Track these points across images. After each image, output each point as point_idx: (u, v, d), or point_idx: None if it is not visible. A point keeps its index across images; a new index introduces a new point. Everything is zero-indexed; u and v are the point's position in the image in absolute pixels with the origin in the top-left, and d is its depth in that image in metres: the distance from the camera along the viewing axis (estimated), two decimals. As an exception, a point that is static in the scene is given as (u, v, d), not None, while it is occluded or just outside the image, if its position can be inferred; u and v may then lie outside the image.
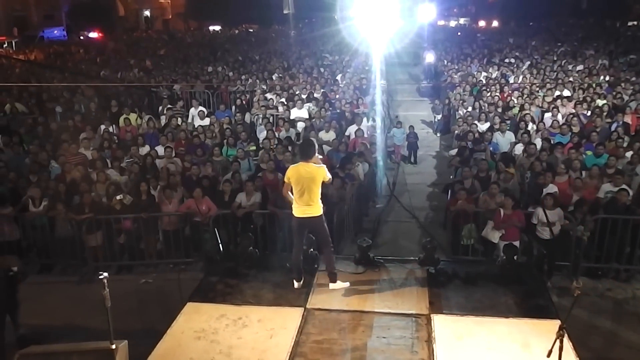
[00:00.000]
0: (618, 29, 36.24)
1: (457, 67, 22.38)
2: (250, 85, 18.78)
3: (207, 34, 42.49)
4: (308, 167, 6.50)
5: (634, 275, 9.09)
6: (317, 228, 6.75)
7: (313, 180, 6.47)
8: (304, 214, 6.59)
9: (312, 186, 6.49)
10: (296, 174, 6.52)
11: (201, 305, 6.42)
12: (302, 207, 6.57)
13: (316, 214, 6.61)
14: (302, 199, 6.53)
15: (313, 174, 6.47)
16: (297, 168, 6.57)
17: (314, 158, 6.58)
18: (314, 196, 6.53)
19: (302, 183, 6.48)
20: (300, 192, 6.52)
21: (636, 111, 13.92)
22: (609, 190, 9.34)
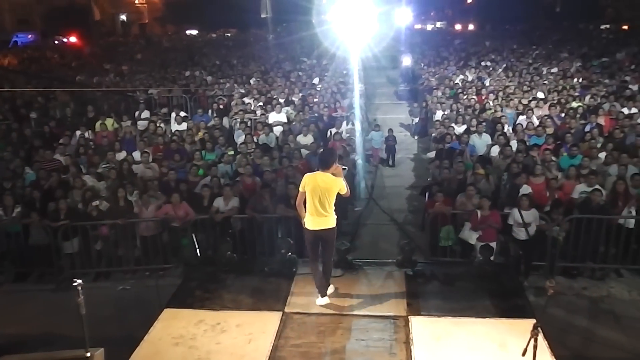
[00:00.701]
0: (591, 32, 36.90)
1: (434, 71, 22.58)
2: (228, 90, 18.73)
3: (184, 38, 42.33)
4: (326, 176, 6.22)
5: (609, 274, 9.22)
6: (329, 240, 6.46)
7: (329, 191, 6.21)
8: (318, 226, 6.32)
9: (328, 197, 6.23)
10: (312, 182, 6.24)
11: (179, 311, 6.38)
12: (316, 218, 6.29)
13: (330, 226, 6.36)
14: (317, 209, 6.25)
15: (330, 185, 6.20)
16: (314, 177, 6.29)
17: (333, 168, 6.28)
18: (329, 207, 6.27)
19: (317, 193, 6.21)
20: (314, 203, 6.24)
21: (609, 113, 14.15)
22: (583, 190, 9.48)
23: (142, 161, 11.48)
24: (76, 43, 38.35)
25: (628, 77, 18.82)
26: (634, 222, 8.99)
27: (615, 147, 11.25)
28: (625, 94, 16.08)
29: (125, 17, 50.09)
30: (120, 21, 50.04)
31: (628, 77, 18.82)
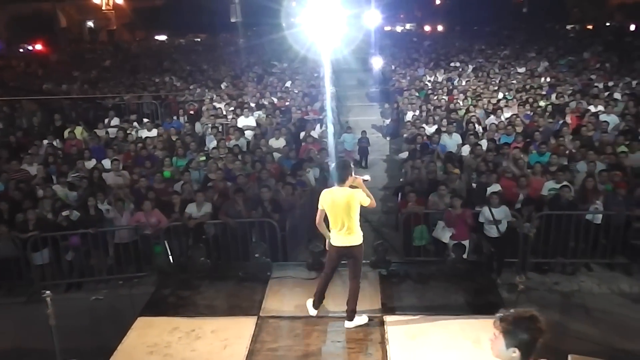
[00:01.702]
0: (558, 32, 37.59)
1: (405, 72, 22.76)
2: (198, 95, 18.62)
3: (153, 44, 41.95)
4: (343, 191, 5.85)
5: (579, 268, 9.41)
6: (353, 258, 6.07)
7: (348, 206, 5.81)
8: (341, 243, 5.95)
9: (349, 212, 5.83)
10: (330, 199, 5.89)
11: (153, 320, 6.30)
12: (340, 235, 5.93)
13: (357, 243, 5.97)
14: (339, 226, 5.89)
15: (347, 199, 5.80)
16: (330, 193, 5.93)
17: (351, 180, 5.91)
18: (352, 223, 5.88)
19: (336, 209, 5.85)
20: (335, 220, 5.89)
21: (576, 111, 14.42)
22: (552, 187, 9.64)
23: (113, 169, 11.34)
24: (42, 51, 37.72)
25: (594, 76, 19.22)
26: (601, 218, 9.16)
27: (582, 144, 11.48)
28: (591, 92, 16.41)
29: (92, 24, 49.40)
30: (87, 28, 49.31)
31: (594, 76, 19.22)
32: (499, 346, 3.10)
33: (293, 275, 7.16)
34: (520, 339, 3.04)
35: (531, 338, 3.04)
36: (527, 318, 3.07)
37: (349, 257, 6.08)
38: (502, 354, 3.09)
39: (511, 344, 3.04)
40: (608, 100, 14.78)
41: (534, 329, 3.05)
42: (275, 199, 9.84)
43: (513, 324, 3.06)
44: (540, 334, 3.05)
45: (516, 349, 3.04)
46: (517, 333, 3.04)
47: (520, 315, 3.08)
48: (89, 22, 49.13)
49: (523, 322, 3.06)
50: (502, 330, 3.07)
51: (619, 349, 6.96)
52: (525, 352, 3.05)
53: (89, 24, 49.19)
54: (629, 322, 7.82)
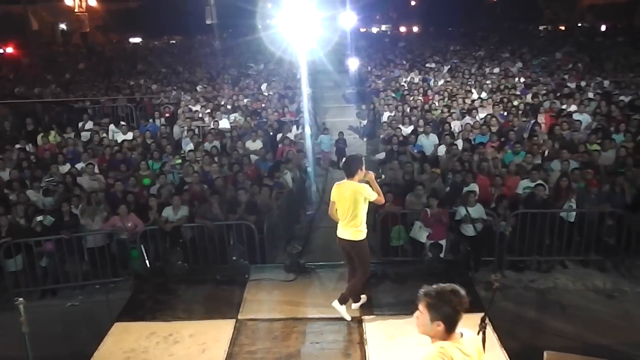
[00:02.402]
0: (531, 33, 38.11)
1: (381, 73, 22.85)
2: (174, 97, 18.49)
3: (127, 46, 41.53)
4: (350, 185, 5.97)
5: (554, 266, 9.52)
6: (357, 254, 6.19)
7: (354, 200, 5.91)
8: (344, 236, 6.12)
9: (355, 206, 5.93)
10: (339, 193, 6.04)
11: (130, 325, 6.25)
12: (343, 227, 6.11)
13: (356, 239, 6.08)
14: (344, 218, 6.05)
15: (354, 193, 5.92)
16: (340, 186, 6.08)
17: (361, 174, 6.01)
18: (356, 217, 5.99)
19: (344, 202, 5.99)
20: (342, 213, 6.04)
21: (550, 110, 14.63)
22: (527, 185, 9.76)
23: (88, 173, 11.20)
24: (13, 54, 37.06)
25: (566, 76, 19.50)
26: (575, 215, 9.30)
27: (556, 143, 11.65)
28: (564, 91, 16.66)
29: (65, 27, 48.71)
30: (60, 30, 48.60)
31: (566, 76, 19.50)
32: (424, 321, 3.22)
33: (271, 278, 7.16)
34: (444, 312, 3.17)
35: (454, 311, 3.18)
36: (450, 291, 3.21)
37: (350, 250, 6.22)
38: (427, 328, 3.22)
39: (436, 317, 3.17)
40: (582, 100, 15.03)
41: (457, 302, 3.18)
42: (252, 201, 9.81)
43: (437, 298, 3.18)
44: (461, 307, 3.18)
45: (440, 322, 3.16)
46: (441, 306, 3.17)
47: (443, 289, 3.22)
48: (62, 25, 48.40)
49: (446, 296, 3.19)
50: (427, 304, 3.19)
51: (594, 344, 7.06)
52: (448, 325, 3.18)
53: (61, 27, 48.47)
54: (603, 317, 7.95)
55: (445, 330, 3.17)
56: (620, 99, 15.64)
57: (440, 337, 3.19)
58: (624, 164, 10.51)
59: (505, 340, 5.65)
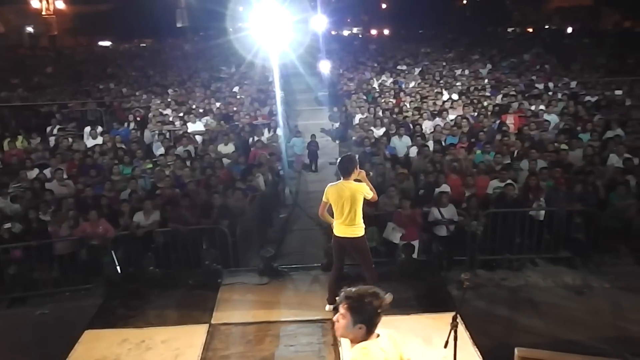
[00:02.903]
0: (500, 35, 38.67)
1: (352, 76, 22.93)
2: (145, 101, 18.31)
3: (97, 49, 41.01)
4: (348, 184, 6.13)
5: (525, 264, 9.62)
6: (358, 250, 6.36)
7: (354, 199, 6.09)
8: (343, 234, 6.23)
9: (354, 205, 6.10)
10: (335, 192, 6.15)
11: (101, 332, 6.18)
12: (343, 226, 6.21)
13: (357, 235, 6.24)
14: (343, 218, 6.16)
15: (353, 192, 6.09)
16: (336, 186, 6.20)
17: (356, 174, 6.21)
18: (356, 216, 6.16)
19: (342, 202, 6.11)
20: (340, 212, 6.15)
21: (519, 111, 14.86)
22: (497, 185, 9.89)
23: (57, 178, 11.02)
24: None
25: (534, 77, 19.82)
26: (544, 214, 9.45)
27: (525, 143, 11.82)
28: (532, 92, 16.92)
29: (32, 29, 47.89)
30: (27, 33, 47.77)
31: (534, 77, 19.82)
32: (345, 325, 3.18)
33: (244, 282, 7.15)
34: (365, 315, 3.15)
35: (375, 313, 3.16)
36: (371, 294, 3.20)
37: (352, 248, 6.33)
38: (349, 331, 3.18)
39: (358, 320, 3.14)
40: (550, 100, 15.29)
41: (377, 304, 3.17)
42: (225, 205, 9.75)
43: (359, 301, 3.16)
44: (382, 309, 3.19)
45: (363, 325, 3.14)
46: (362, 309, 3.14)
47: (364, 292, 3.20)
48: (29, 28, 47.57)
49: (368, 298, 3.17)
50: (349, 307, 3.16)
51: (564, 340, 7.17)
52: (369, 327, 3.16)
53: (28, 30, 47.63)
54: (573, 313, 8.07)
55: (367, 332, 3.16)
56: (586, 99, 15.98)
57: (361, 340, 3.18)
58: (591, 162, 10.72)
59: (477, 338, 5.73)
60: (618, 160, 10.80)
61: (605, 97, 16.08)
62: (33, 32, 47.61)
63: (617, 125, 12.86)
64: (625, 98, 16.14)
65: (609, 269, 9.18)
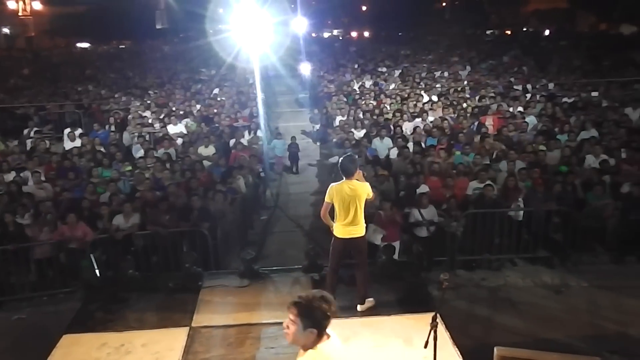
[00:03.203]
0: (479, 37, 39.02)
1: (333, 78, 22.98)
2: (124, 103, 18.16)
3: (75, 51, 40.59)
4: (351, 184, 6.21)
5: (504, 264, 9.71)
6: (360, 249, 6.45)
7: (358, 198, 6.18)
8: (349, 235, 6.28)
9: (358, 204, 6.20)
10: (340, 192, 6.20)
11: (80, 336, 6.11)
12: (346, 227, 6.25)
13: (362, 234, 6.36)
14: (347, 218, 6.21)
15: (357, 192, 6.18)
16: (340, 187, 6.24)
17: (357, 174, 6.30)
18: (359, 215, 6.25)
19: (347, 202, 6.17)
20: (344, 212, 6.21)
21: (498, 112, 15.01)
22: (476, 186, 9.97)
23: (34, 181, 10.88)
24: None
25: (513, 79, 20.03)
26: (523, 214, 9.55)
27: (504, 144, 11.94)
28: (511, 94, 17.10)
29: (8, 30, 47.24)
30: (3, 34, 47.12)
31: (513, 79, 20.03)
32: (296, 330, 3.18)
33: (225, 284, 7.12)
34: (315, 319, 3.16)
35: (324, 317, 3.18)
36: (320, 298, 3.21)
37: (354, 248, 6.39)
38: (300, 336, 3.18)
39: (308, 324, 3.15)
40: (528, 102, 15.46)
41: (327, 308, 3.18)
42: (205, 207, 9.70)
43: (308, 305, 3.17)
44: (331, 312, 3.20)
45: (314, 329, 3.14)
46: (312, 313, 3.15)
47: (313, 296, 3.21)
48: (5, 29, 46.95)
49: (317, 302, 3.18)
50: (298, 313, 3.17)
51: (543, 339, 7.24)
52: (320, 332, 3.17)
53: (4, 31, 47.00)
54: (551, 312, 8.16)
55: (317, 337, 3.16)
56: (563, 100, 16.19)
57: (312, 345, 3.18)
58: (569, 163, 10.87)
59: (457, 338, 5.77)
60: (595, 160, 10.96)
61: (581, 99, 16.31)
62: (9, 33, 47.00)
63: (592, 126, 13.05)
64: (601, 99, 16.39)
65: (587, 268, 9.31)
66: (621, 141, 12.01)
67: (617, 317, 7.84)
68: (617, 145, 11.69)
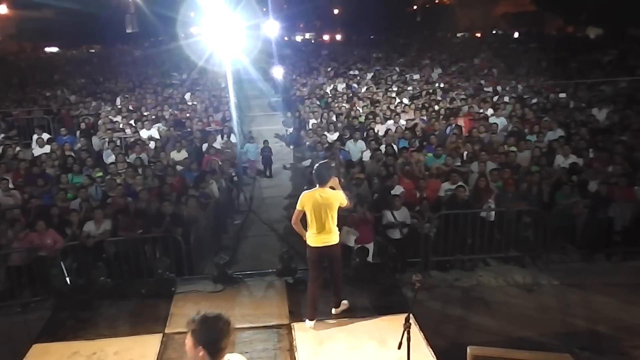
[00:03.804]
0: (449, 40, 39.44)
1: (305, 81, 23.01)
2: (94, 108, 17.91)
3: (43, 56, 39.93)
4: (324, 192, 6.07)
5: (477, 264, 9.82)
6: (334, 257, 6.29)
7: (331, 206, 6.05)
8: (322, 243, 6.14)
9: (330, 212, 6.07)
10: (312, 200, 6.06)
11: (50, 345, 6.00)
12: (319, 235, 6.12)
13: (335, 242, 6.22)
14: (320, 227, 6.08)
15: (330, 200, 6.05)
16: (312, 194, 6.10)
17: (331, 181, 6.16)
18: (331, 223, 6.12)
19: (318, 210, 6.03)
20: (317, 220, 6.07)
21: (469, 114, 15.17)
22: (449, 188, 10.07)
23: (2, 188, 10.65)
24: None
25: (483, 81, 20.27)
26: (494, 214, 9.66)
27: (475, 146, 12.07)
28: (481, 96, 17.31)
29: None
30: (-33, 39, 46.13)
31: (483, 81, 20.27)
32: (188, 349, 3.19)
33: (199, 289, 7.06)
34: (205, 338, 3.14)
35: (217, 337, 3.16)
36: (214, 317, 3.20)
37: (329, 256, 6.22)
38: (192, 354, 3.17)
39: (198, 343, 3.14)
40: (498, 104, 15.66)
41: (220, 328, 3.17)
42: (178, 213, 9.62)
43: (199, 324, 3.16)
44: (226, 332, 3.19)
45: (201, 348, 3.13)
46: (203, 332, 3.14)
47: (206, 315, 3.20)
48: (-31, 33, 45.95)
49: (209, 321, 3.17)
50: (192, 332, 3.16)
51: (515, 337, 7.33)
52: (211, 351, 3.14)
53: (-32, 35, 46.01)
54: (523, 311, 8.28)
55: (208, 356, 3.14)
56: (533, 102, 16.44)
57: None
58: (538, 163, 11.04)
59: (431, 338, 5.81)
60: (564, 160, 11.15)
61: (549, 100, 16.59)
62: (-26, 37, 46.02)
63: (559, 127, 13.28)
64: (569, 101, 16.69)
65: (557, 267, 9.48)
66: (588, 141, 12.25)
67: (587, 315, 8.00)
68: (585, 146, 11.92)
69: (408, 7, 55.91)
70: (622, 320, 7.80)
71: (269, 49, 27.86)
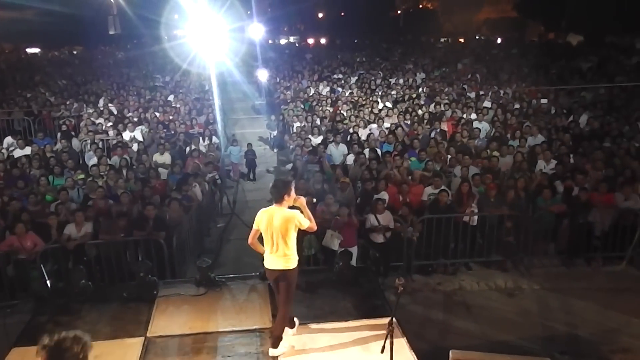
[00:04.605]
0: (432, 45, 39.68)
1: (289, 84, 23.01)
2: (75, 110, 17.74)
3: (24, 57, 39.44)
4: (280, 211, 5.49)
5: (459, 268, 9.89)
6: (286, 283, 5.65)
7: (284, 229, 5.45)
8: (272, 266, 5.61)
9: (284, 235, 5.46)
10: (265, 219, 5.53)
11: (29, 349, 5.87)
12: (272, 257, 5.58)
13: (288, 267, 5.57)
14: (272, 248, 5.55)
15: (284, 221, 5.45)
16: (266, 213, 5.55)
17: (290, 200, 5.56)
18: (286, 247, 5.51)
19: (269, 231, 5.51)
20: (270, 241, 5.54)
21: (452, 119, 15.27)
22: (431, 192, 10.11)
23: (-20, 191, 10.52)
24: None
25: (465, 86, 20.42)
26: (477, 219, 9.72)
27: (458, 150, 12.15)
28: (464, 101, 17.44)
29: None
30: (-55, 40, 45.41)
31: (465, 86, 20.42)
32: None
33: (181, 293, 7.01)
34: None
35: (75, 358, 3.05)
36: (72, 339, 3.10)
37: (279, 281, 5.68)
38: None
39: None
40: (481, 109, 15.79)
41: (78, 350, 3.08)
42: (160, 216, 9.55)
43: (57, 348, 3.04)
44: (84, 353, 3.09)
45: None
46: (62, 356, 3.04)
47: (63, 337, 3.09)
48: (-53, 34, 45.23)
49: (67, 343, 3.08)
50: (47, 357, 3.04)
51: (496, 341, 7.40)
52: None
53: (-53, 36, 45.28)
54: (505, 315, 8.36)
55: None
56: (515, 107, 16.60)
57: None
58: (520, 168, 11.14)
59: (413, 342, 5.82)
60: (545, 166, 11.27)
61: (531, 106, 16.76)
62: (-48, 38, 45.32)
63: (539, 132, 13.42)
64: (551, 106, 16.88)
65: (538, 271, 9.58)
66: (569, 147, 12.39)
67: (567, 319, 8.09)
68: (566, 151, 12.06)
69: (392, 11, 56.22)
70: (602, 325, 7.90)
71: (253, 51, 27.83)
